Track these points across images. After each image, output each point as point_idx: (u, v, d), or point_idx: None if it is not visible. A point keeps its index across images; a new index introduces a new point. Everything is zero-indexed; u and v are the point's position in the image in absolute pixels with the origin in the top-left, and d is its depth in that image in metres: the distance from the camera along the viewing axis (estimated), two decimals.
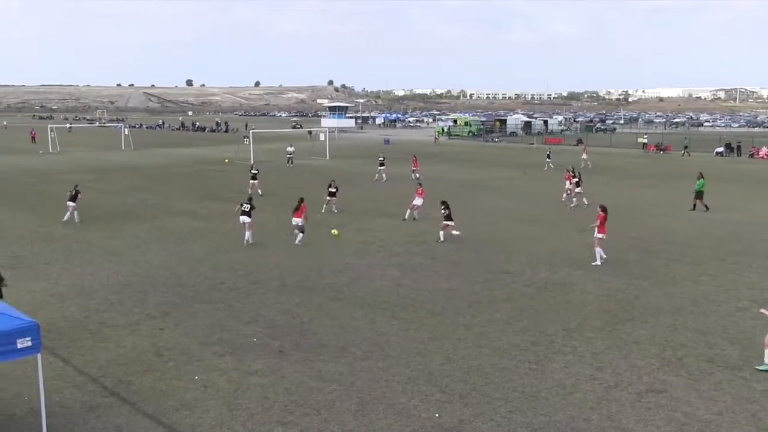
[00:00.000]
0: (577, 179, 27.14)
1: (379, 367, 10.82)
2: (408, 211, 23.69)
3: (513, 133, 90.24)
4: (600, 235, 17.27)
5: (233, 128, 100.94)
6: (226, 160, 47.43)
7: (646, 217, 24.46)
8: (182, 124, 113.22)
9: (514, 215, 25.28)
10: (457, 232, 20.13)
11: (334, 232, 20.41)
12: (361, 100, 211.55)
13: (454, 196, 29.73)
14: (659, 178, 37.92)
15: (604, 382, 10.39)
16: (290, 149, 46.02)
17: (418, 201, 23.86)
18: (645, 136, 67.75)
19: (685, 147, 55.42)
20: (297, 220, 19.93)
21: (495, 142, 78.40)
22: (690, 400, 9.84)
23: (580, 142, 71.49)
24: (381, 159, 37.43)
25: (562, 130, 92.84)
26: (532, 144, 69.68)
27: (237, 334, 12.27)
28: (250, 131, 55.24)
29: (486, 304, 14.06)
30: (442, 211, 19.95)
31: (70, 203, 22.92)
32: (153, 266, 16.92)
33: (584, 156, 44.79)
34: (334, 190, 24.75)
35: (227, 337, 12.09)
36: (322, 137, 59.96)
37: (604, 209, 17.45)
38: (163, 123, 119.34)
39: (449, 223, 19.94)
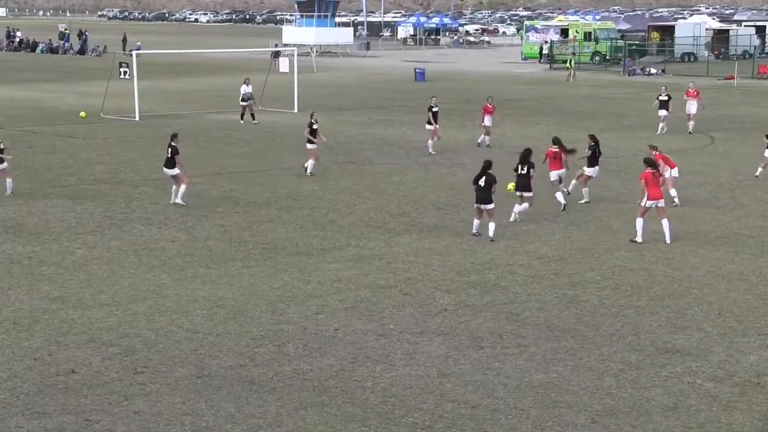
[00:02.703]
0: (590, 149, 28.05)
1: None
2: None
3: (688, 56, 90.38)
4: None
5: (97, 46, 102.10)
6: (83, 114, 47.99)
7: None
8: None
9: (692, 230, 25.35)
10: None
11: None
12: None
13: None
14: None
15: None
16: (246, 90, 46.51)
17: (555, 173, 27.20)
18: None
19: None
20: (557, 173, 26.46)
21: (650, 74, 78.42)
22: None
23: None
24: (433, 108, 37.26)
25: None
26: (731, 78, 69.70)
27: None
28: (134, 52, 55.78)
29: (628, 418, 14.10)
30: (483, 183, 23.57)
31: None
32: None
33: (662, 114, 42.86)
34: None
35: None
36: (284, 66, 60.26)
37: None
38: None
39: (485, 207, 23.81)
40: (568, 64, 76.49)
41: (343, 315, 18.39)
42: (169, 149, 27.35)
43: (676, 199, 27.47)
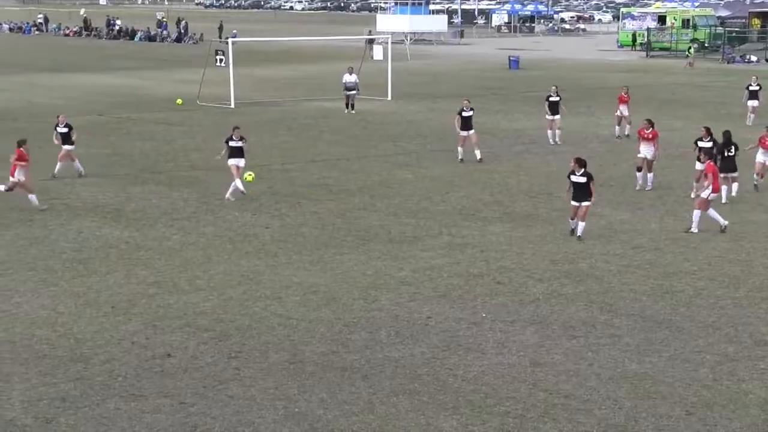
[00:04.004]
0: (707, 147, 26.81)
1: None
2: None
3: None
4: None
5: (194, 34, 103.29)
6: (180, 101, 48.68)
7: None
8: (86, 24, 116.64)
9: None
10: None
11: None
12: None
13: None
14: None
15: None
16: (350, 79, 46.34)
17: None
18: None
19: None
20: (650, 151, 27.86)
21: (749, 62, 76.99)
22: None
23: None
24: (551, 97, 36.53)
25: None
26: None
27: None
28: (229, 40, 56.37)
29: (725, 410, 13.95)
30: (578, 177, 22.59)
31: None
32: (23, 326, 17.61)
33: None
34: None
35: None
36: (378, 54, 60.68)
37: None
38: (47, 21, 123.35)
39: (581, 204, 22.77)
40: (688, 52, 75.50)
41: (436, 303, 18.45)
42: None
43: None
